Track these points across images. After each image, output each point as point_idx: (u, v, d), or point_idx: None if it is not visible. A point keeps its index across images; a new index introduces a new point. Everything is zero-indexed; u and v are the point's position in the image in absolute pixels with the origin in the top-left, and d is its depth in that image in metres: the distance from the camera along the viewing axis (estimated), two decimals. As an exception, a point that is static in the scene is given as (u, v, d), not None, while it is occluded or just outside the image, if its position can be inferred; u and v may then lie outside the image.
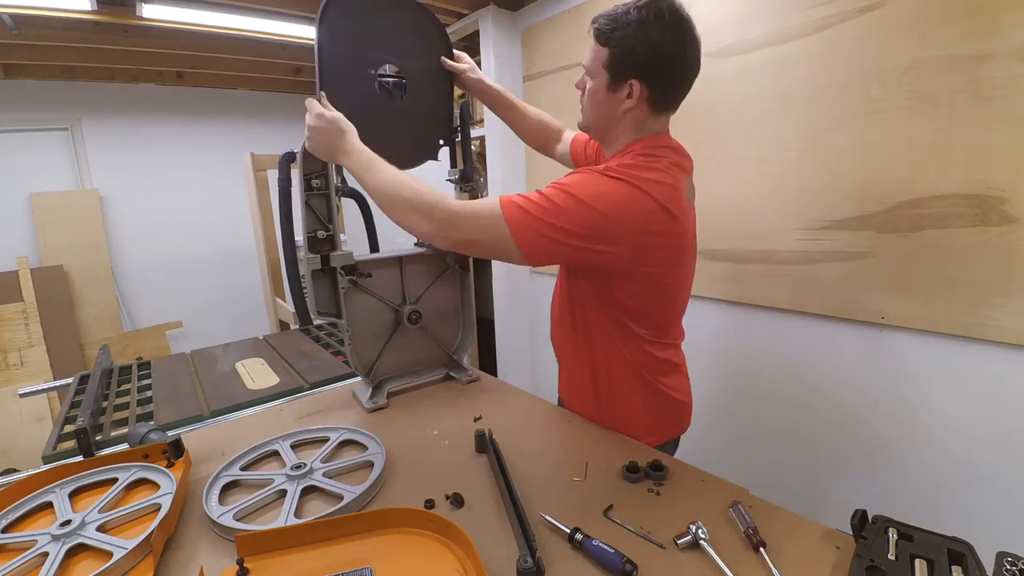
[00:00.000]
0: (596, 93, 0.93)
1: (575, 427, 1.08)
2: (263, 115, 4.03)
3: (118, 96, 3.44)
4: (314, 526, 0.71)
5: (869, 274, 1.36)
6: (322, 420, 1.16)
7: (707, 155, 1.65)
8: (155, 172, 3.64)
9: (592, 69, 0.92)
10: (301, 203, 1.11)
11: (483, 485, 0.86)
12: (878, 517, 0.68)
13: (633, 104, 0.89)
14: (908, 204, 1.26)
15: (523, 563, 0.62)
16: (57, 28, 2.44)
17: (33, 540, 0.73)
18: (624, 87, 0.89)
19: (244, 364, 1.63)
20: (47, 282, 3.16)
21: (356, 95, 1.09)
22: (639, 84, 0.88)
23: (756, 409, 1.71)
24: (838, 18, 1.33)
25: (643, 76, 0.87)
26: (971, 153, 1.15)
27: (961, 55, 1.14)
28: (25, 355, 3.03)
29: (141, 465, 0.91)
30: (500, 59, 2.43)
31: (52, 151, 3.33)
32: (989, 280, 1.16)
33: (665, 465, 0.87)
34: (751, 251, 1.61)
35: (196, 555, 0.72)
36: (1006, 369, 1.18)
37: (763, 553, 0.65)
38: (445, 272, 1.36)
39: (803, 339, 1.55)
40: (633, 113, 0.91)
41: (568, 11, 2.12)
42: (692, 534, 0.68)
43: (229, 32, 2.58)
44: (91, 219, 3.36)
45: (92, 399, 1.26)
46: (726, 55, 1.57)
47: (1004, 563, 0.58)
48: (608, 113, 0.93)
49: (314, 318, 1.21)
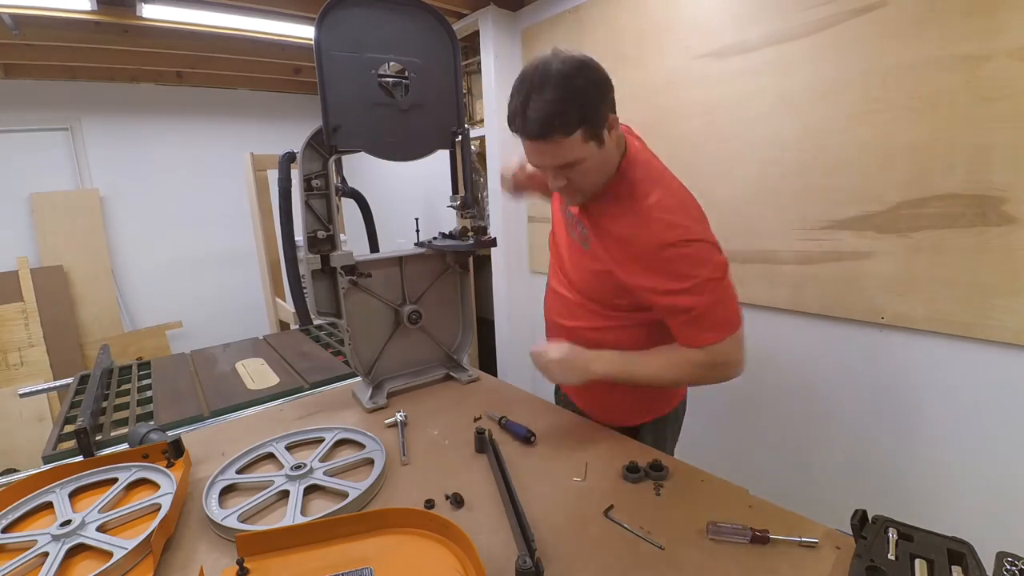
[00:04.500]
0: (593, 162, 0.89)
1: (575, 427, 1.08)
2: (263, 115, 4.03)
3: (118, 96, 3.44)
4: (314, 526, 0.71)
5: (869, 274, 1.36)
6: (322, 420, 1.16)
7: (707, 155, 1.65)
8: (155, 172, 3.63)
9: (574, 156, 0.86)
10: (301, 203, 1.11)
11: (483, 485, 0.86)
12: (878, 517, 0.68)
13: (617, 132, 0.93)
14: (908, 204, 1.26)
15: (522, 563, 0.62)
16: (57, 28, 2.44)
17: (33, 540, 0.73)
18: (607, 133, 0.88)
19: (244, 364, 1.63)
20: (47, 282, 3.16)
21: (358, 95, 1.09)
22: (614, 116, 0.89)
23: (756, 409, 1.71)
24: (838, 18, 1.32)
25: (612, 108, 0.88)
26: (971, 153, 1.15)
27: (961, 55, 1.14)
28: (25, 355, 3.03)
29: (141, 465, 0.91)
30: (500, 59, 2.43)
31: (52, 151, 3.32)
32: (989, 280, 1.16)
33: (665, 465, 0.87)
34: (751, 251, 1.61)
35: (196, 555, 0.72)
36: (1006, 369, 1.17)
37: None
38: (445, 272, 1.36)
39: (803, 339, 1.55)
40: (616, 138, 0.93)
41: (568, 11, 2.12)
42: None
43: (229, 32, 2.58)
44: (91, 219, 3.35)
45: (92, 399, 1.26)
46: (726, 55, 1.57)
47: (1004, 563, 0.58)
48: (607, 164, 0.93)
49: (314, 318, 1.21)
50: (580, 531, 0.74)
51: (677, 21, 1.69)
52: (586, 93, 0.83)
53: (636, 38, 1.82)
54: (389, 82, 1.10)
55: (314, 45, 1.03)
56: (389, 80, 1.10)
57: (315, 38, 1.02)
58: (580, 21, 2.08)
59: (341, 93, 1.07)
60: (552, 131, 0.83)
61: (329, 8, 1.03)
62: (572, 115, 0.82)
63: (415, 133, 1.18)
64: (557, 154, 0.86)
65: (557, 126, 0.82)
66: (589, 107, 0.83)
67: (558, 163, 0.88)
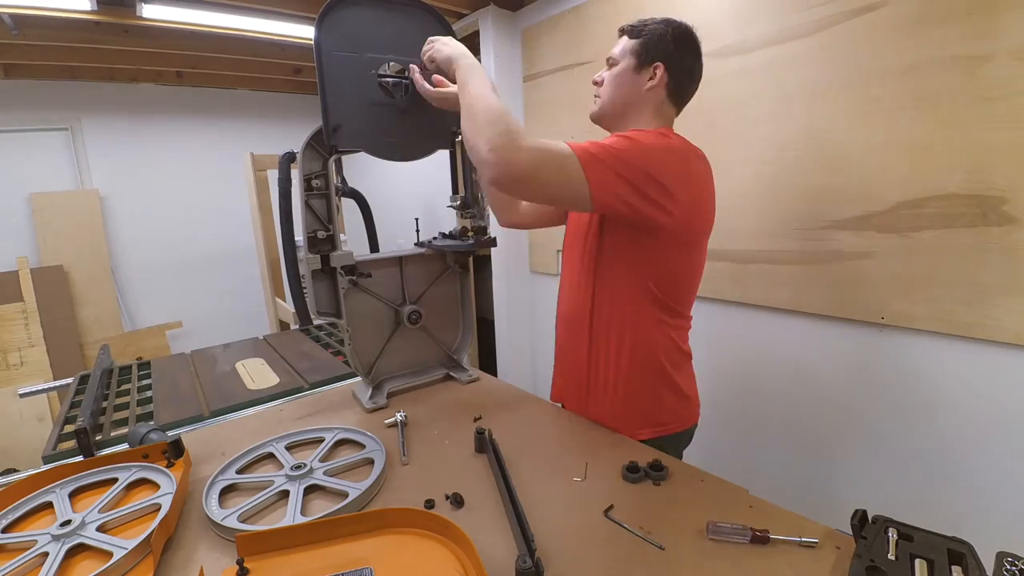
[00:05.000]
0: (622, 74, 1.03)
1: (575, 427, 1.08)
2: (263, 115, 4.03)
3: (118, 96, 3.44)
4: (314, 526, 0.71)
5: (869, 274, 1.36)
6: (322, 420, 1.16)
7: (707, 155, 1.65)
8: (155, 172, 3.64)
9: (619, 55, 1.03)
10: (301, 203, 1.11)
11: (483, 485, 0.86)
12: (878, 517, 0.68)
13: (655, 85, 1.00)
14: (908, 204, 1.26)
15: (522, 563, 0.62)
16: (57, 28, 2.44)
17: (33, 540, 0.73)
18: (648, 70, 1.00)
19: (244, 364, 1.63)
20: (47, 282, 3.16)
21: (358, 95, 1.09)
22: (663, 69, 0.99)
23: (756, 409, 1.71)
24: (838, 18, 1.32)
25: (667, 62, 0.99)
26: (971, 153, 1.15)
27: (961, 55, 1.14)
28: (25, 355, 3.03)
29: (141, 465, 0.91)
30: (500, 59, 2.43)
31: (52, 151, 3.32)
32: (989, 280, 1.16)
33: (665, 465, 0.87)
34: (751, 251, 1.61)
35: (196, 555, 0.72)
36: (1006, 369, 1.17)
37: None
38: (445, 272, 1.36)
39: (803, 339, 1.55)
40: (653, 94, 1.01)
41: (568, 11, 2.12)
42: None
43: (229, 32, 2.58)
44: (91, 219, 3.36)
45: (92, 399, 1.26)
46: (726, 55, 1.57)
47: (1004, 563, 0.58)
48: (630, 92, 1.02)
49: (314, 318, 1.21)
50: (580, 531, 0.74)
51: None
52: (663, 35, 0.99)
53: (636, 38, 1.82)
54: (389, 82, 1.10)
55: (314, 45, 1.03)
56: (389, 80, 1.10)
57: (315, 38, 1.02)
58: (580, 21, 2.08)
59: (341, 93, 1.06)
60: (626, 31, 1.04)
61: (329, 8, 1.03)
62: (644, 27, 1.01)
63: (415, 133, 1.18)
64: (615, 47, 1.04)
65: (629, 30, 1.03)
66: (656, 37, 0.99)
67: (610, 53, 1.05)
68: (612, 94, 1.04)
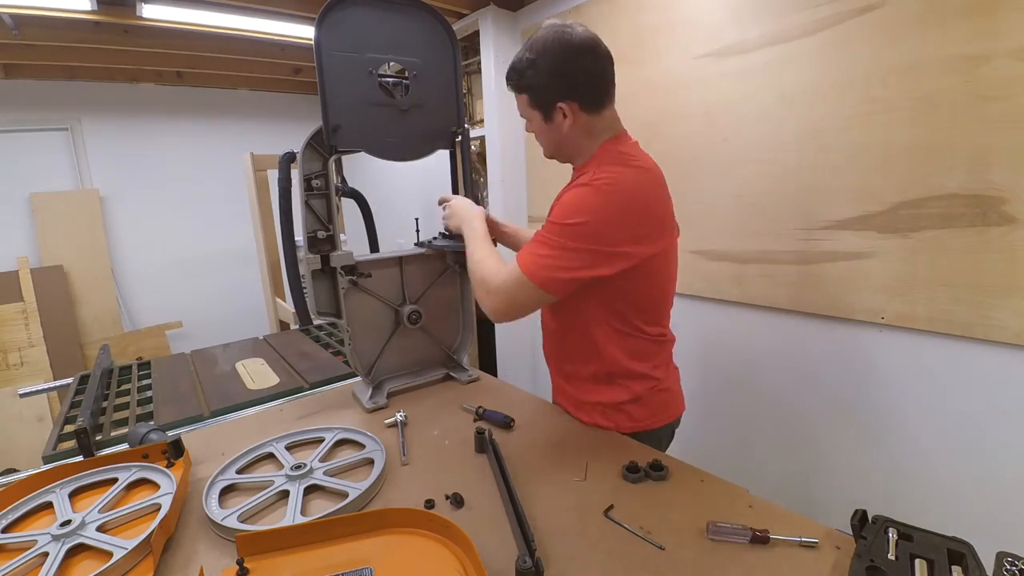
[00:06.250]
0: (539, 130, 1.04)
1: (575, 427, 1.08)
2: (263, 115, 4.03)
3: (118, 96, 3.44)
4: (314, 526, 0.71)
5: (869, 274, 1.36)
6: (322, 420, 1.16)
7: (707, 155, 1.65)
8: (155, 172, 3.63)
9: (525, 114, 1.03)
10: (301, 203, 1.11)
11: (483, 485, 0.86)
12: (878, 517, 0.68)
13: (572, 121, 0.97)
14: (908, 204, 1.26)
15: (522, 563, 0.62)
16: (57, 28, 2.44)
17: (33, 540, 0.73)
18: (556, 113, 0.97)
19: (244, 364, 1.63)
20: (47, 282, 3.16)
21: (358, 95, 1.09)
22: (566, 105, 0.96)
23: (756, 409, 1.71)
24: (838, 18, 1.32)
25: (564, 97, 0.95)
26: (971, 153, 1.15)
27: (961, 55, 1.14)
28: (25, 355, 3.03)
29: (141, 465, 0.91)
30: (500, 59, 2.42)
31: (52, 151, 3.32)
32: (989, 280, 1.16)
33: (665, 465, 0.87)
34: (751, 251, 1.61)
35: (196, 555, 0.72)
36: (1006, 369, 1.17)
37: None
38: (445, 272, 1.36)
39: (803, 339, 1.55)
40: (576, 127, 0.98)
41: (568, 11, 2.12)
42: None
43: (229, 32, 2.58)
44: (91, 219, 3.36)
45: (92, 399, 1.26)
46: (726, 55, 1.57)
47: (1004, 563, 0.58)
48: (559, 138, 1.01)
49: (314, 318, 1.21)
50: (580, 531, 0.74)
51: (676, 21, 1.69)
52: (539, 71, 0.94)
53: (635, 38, 1.82)
54: (389, 82, 1.10)
55: (314, 45, 1.03)
56: (389, 80, 1.10)
57: (315, 38, 1.03)
58: (580, 21, 2.07)
59: (341, 93, 1.07)
60: (507, 82, 1.01)
61: (329, 8, 1.03)
62: (519, 80, 0.98)
63: (415, 133, 1.18)
64: (518, 104, 1.03)
65: (509, 79, 1.00)
66: (536, 84, 0.96)
67: (519, 110, 1.03)
68: (546, 144, 1.06)
